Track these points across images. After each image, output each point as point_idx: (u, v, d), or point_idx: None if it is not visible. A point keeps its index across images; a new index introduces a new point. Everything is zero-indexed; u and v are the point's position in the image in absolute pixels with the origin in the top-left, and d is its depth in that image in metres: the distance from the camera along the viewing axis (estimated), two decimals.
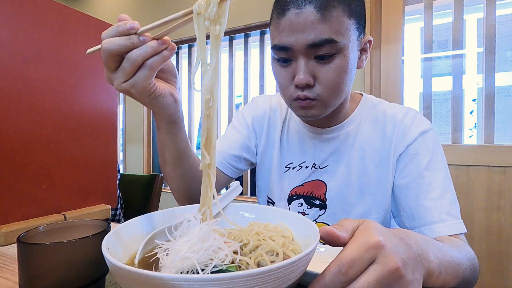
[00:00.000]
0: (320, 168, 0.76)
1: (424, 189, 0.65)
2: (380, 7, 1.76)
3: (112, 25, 0.42)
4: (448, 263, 0.44)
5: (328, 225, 0.74)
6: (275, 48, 0.63)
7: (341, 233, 0.33)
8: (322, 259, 0.48)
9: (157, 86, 0.48)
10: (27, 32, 0.64)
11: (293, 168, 0.79)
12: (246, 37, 2.35)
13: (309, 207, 0.77)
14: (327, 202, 0.75)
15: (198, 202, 0.41)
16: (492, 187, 1.50)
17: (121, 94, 2.84)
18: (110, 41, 0.42)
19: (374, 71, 1.78)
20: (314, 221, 0.76)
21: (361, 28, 0.65)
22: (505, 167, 1.48)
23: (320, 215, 0.76)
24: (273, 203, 0.82)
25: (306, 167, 0.78)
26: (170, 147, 0.61)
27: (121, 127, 2.92)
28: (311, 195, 0.77)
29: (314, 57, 0.61)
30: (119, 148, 2.86)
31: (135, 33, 0.42)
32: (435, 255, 0.41)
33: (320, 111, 0.66)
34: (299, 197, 0.78)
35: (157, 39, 0.43)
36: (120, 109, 2.89)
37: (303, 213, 0.77)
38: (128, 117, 2.84)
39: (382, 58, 1.77)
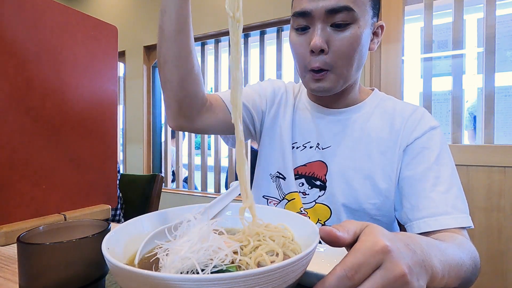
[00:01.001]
0: (322, 149, 0.77)
1: (432, 182, 0.66)
2: (380, 7, 1.76)
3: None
4: (451, 266, 0.44)
5: (327, 206, 0.76)
6: (296, 15, 0.67)
7: (340, 234, 0.33)
8: (322, 259, 0.48)
9: None
10: (27, 32, 0.64)
11: (297, 148, 0.80)
12: (246, 37, 2.35)
13: (310, 187, 0.78)
14: (326, 184, 0.76)
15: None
16: (492, 187, 1.50)
17: (121, 94, 2.84)
18: None
19: (374, 71, 1.78)
20: (314, 202, 0.77)
21: (376, 11, 0.70)
22: (505, 167, 1.48)
23: (319, 196, 0.77)
24: (284, 178, 0.81)
25: (311, 147, 0.79)
26: (170, 13, 0.62)
27: (121, 127, 2.92)
28: (312, 175, 0.77)
29: (331, 25, 0.65)
30: (119, 148, 2.86)
31: None
32: (439, 260, 0.40)
33: (332, 84, 0.69)
34: (300, 176, 0.79)
35: None
36: (120, 109, 2.89)
37: (304, 193, 0.78)
38: (128, 117, 2.84)
39: (382, 58, 1.77)
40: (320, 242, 0.34)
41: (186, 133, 2.70)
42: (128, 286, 0.28)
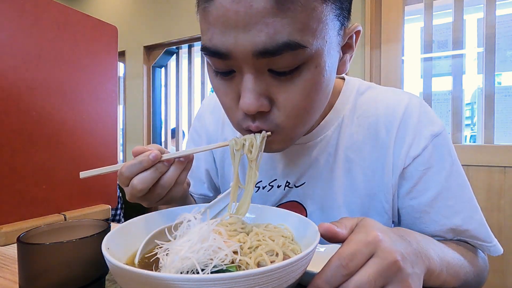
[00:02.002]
0: (296, 187, 0.60)
1: (445, 213, 0.51)
2: (380, 7, 1.76)
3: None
4: (449, 263, 0.44)
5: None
6: (206, 52, 0.40)
7: (339, 230, 0.34)
8: (322, 259, 0.48)
9: (182, 189, 0.50)
10: (27, 32, 0.64)
11: (263, 188, 0.63)
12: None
13: None
14: None
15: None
16: (492, 187, 1.50)
17: (121, 94, 2.84)
18: (141, 180, 0.42)
19: (374, 71, 1.78)
20: None
21: (345, 14, 0.42)
22: (505, 167, 1.48)
23: None
24: None
25: (278, 186, 0.61)
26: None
27: (121, 127, 2.92)
28: None
29: (269, 69, 0.39)
30: (119, 148, 2.86)
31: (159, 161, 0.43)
32: (436, 254, 0.41)
33: (282, 145, 0.47)
34: None
35: (177, 158, 0.46)
36: (120, 109, 2.89)
37: None
38: (128, 117, 2.84)
39: (382, 58, 1.77)
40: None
41: (186, 133, 2.70)
42: (128, 286, 0.28)
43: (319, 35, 0.38)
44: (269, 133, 0.43)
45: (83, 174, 0.44)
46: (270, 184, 0.62)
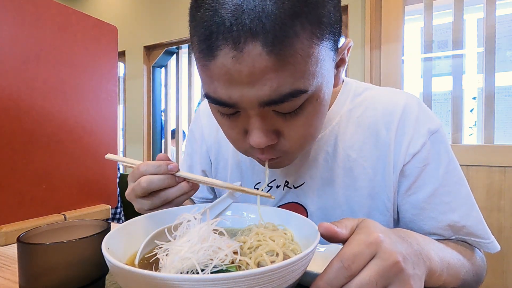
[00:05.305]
0: (295, 188, 0.60)
1: (442, 209, 0.52)
2: (380, 7, 1.76)
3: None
4: (450, 263, 0.44)
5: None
6: (210, 100, 0.42)
7: (339, 230, 0.34)
8: (322, 259, 0.48)
9: None
10: (27, 32, 0.64)
11: (262, 190, 0.67)
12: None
13: None
14: None
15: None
16: (492, 187, 1.50)
17: (121, 94, 2.84)
18: (148, 180, 0.46)
19: (374, 71, 1.78)
20: None
21: (337, 39, 0.44)
22: (505, 167, 1.48)
23: None
24: None
25: (277, 186, 0.61)
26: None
27: (121, 127, 2.92)
28: None
29: (274, 110, 0.42)
30: (119, 148, 2.86)
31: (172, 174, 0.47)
32: (437, 254, 0.41)
33: (288, 162, 0.51)
34: None
35: (186, 180, 0.48)
36: (120, 109, 2.89)
37: None
38: (128, 117, 2.84)
39: (382, 58, 1.77)
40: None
41: (187, 133, 2.70)
42: (128, 286, 0.28)
43: (318, 73, 0.40)
44: None
45: (108, 156, 0.49)
46: (269, 184, 0.62)
